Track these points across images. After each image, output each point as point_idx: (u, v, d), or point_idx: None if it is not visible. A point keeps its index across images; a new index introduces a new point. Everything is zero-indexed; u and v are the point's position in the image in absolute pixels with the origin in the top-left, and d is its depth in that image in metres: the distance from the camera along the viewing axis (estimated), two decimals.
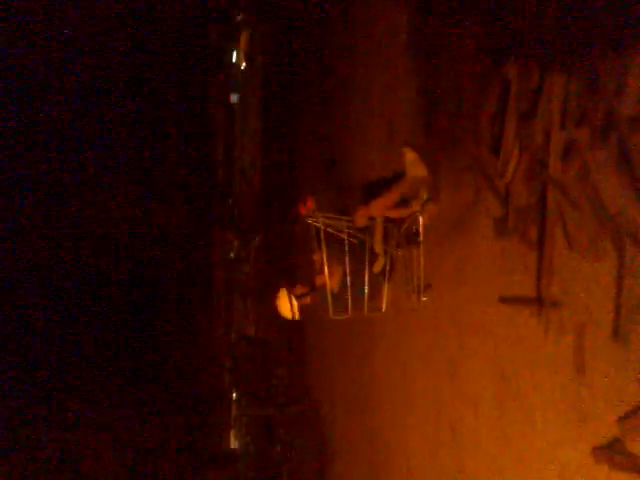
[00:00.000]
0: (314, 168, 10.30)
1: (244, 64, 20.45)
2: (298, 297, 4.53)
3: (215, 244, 20.53)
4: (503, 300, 3.74)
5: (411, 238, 4.71)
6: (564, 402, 3.07)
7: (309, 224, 4.54)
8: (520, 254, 3.47)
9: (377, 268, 4.63)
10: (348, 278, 4.41)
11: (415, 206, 4.57)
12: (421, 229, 4.43)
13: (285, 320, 4.63)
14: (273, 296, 4.66)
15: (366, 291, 4.50)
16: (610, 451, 2.67)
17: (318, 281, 4.59)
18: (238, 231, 18.48)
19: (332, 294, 4.46)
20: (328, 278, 4.42)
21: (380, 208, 4.49)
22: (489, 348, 3.96)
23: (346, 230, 4.45)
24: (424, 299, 4.72)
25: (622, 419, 2.61)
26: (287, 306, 4.49)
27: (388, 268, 4.69)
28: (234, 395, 18.08)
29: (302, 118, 11.60)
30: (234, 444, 17.93)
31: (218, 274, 20.25)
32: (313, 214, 4.42)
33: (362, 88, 7.17)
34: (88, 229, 20.12)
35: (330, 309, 4.41)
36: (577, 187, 2.88)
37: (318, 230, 4.39)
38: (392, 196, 4.55)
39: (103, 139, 21.27)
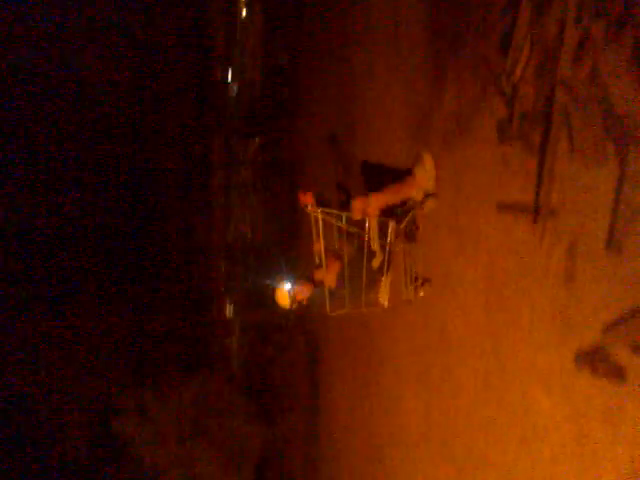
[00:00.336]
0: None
1: None
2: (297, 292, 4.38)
3: (214, 146, 20.20)
4: (501, 208, 3.66)
5: (411, 234, 4.72)
6: (551, 309, 3.07)
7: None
8: (521, 159, 3.35)
9: (375, 264, 4.59)
10: (346, 273, 4.35)
11: (419, 191, 4.58)
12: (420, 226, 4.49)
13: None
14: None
15: (364, 286, 4.45)
16: (593, 358, 2.68)
17: (317, 276, 4.48)
18: (237, 133, 18.13)
19: (330, 290, 4.39)
20: (326, 274, 4.34)
21: (374, 207, 4.38)
22: (483, 256, 3.93)
23: (343, 225, 4.41)
24: (422, 294, 4.74)
25: (607, 327, 2.60)
26: (286, 299, 4.39)
27: (387, 263, 4.62)
28: (229, 298, 18.55)
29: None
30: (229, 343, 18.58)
31: (216, 176, 20.09)
32: (312, 207, 4.30)
33: None
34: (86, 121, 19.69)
35: (327, 305, 4.34)
36: (586, 88, 2.72)
37: (317, 221, 4.29)
38: (389, 198, 4.48)
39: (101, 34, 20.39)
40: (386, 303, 4.78)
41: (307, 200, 4.29)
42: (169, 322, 17.15)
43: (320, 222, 4.22)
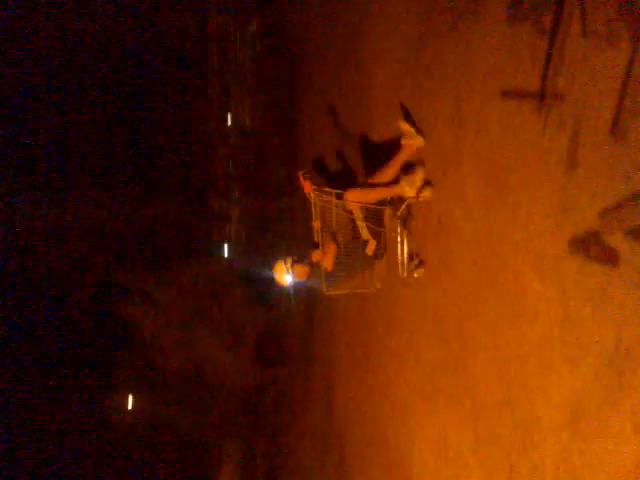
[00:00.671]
0: None
1: None
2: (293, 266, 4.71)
3: (210, 27, 19.28)
4: (505, 95, 3.58)
5: (407, 221, 4.92)
6: (550, 196, 3.10)
7: None
8: (531, 41, 3.23)
9: (369, 251, 4.83)
10: (342, 256, 4.65)
11: (410, 192, 4.73)
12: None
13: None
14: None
15: (359, 269, 4.78)
16: (587, 242, 2.75)
17: (314, 257, 4.73)
18: (234, 13, 17.25)
19: (326, 271, 4.65)
20: (323, 257, 4.61)
21: (356, 198, 4.67)
22: (484, 144, 3.90)
23: (337, 210, 4.64)
24: (416, 276, 4.89)
25: (604, 212, 2.64)
26: (283, 273, 4.66)
27: (381, 249, 4.85)
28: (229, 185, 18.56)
29: None
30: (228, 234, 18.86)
31: (213, 60, 19.37)
32: (313, 193, 4.56)
33: None
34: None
35: (324, 285, 4.62)
36: None
37: (317, 204, 4.56)
38: (378, 195, 4.76)
39: None
40: (379, 285, 5.09)
41: (307, 189, 4.56)
42: (169, 208, 17.32)
43: (319, 207, 4.51)
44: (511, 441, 3.52)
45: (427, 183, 4.78)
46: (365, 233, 4.84)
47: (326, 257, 4.70)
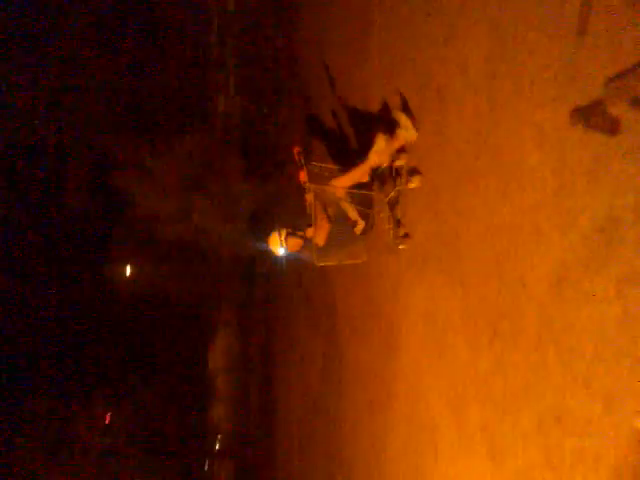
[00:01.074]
0: None
1: None
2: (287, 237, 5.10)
3: None
4: None
5: (394, 204, 5.20)
6: (556, 65, 3.00)
7: None
8: None
9: (358, 230, 5.24)
10: (333, 231, 5.18)
11: (383, 160, 5.00)
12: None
13: None
14: None
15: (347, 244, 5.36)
16: (589, 112, 2.70)
17: (308, 233, 5.11)
18: None
19: (317, 245, 5.11)
20: (315, 232, 5.05)
21: (342, 183, 5.07)
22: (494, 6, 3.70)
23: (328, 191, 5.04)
24: (402, 247, 5.21)
25: (610, 80, 2.57)
26: (277, 245, 5.03)
27: (369, 228, 5.27)
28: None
29: None
30: (223, 106, 18.34)
31: None
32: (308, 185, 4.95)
33: None
34: None
35: (315, 258, 5.10)
36: None
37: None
38: (355, 175, 5.08)
39: None
40: (365, 258, 5.54)
41: (302, 178, 4.92)
42: (165, 80, 16.76)
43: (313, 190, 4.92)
44: (497, 306, 3.69)
45: (415, 172, 4.98)
46: (354, 215, 5.21)
47: (318, 233, 5.10)
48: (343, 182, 5.10)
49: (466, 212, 4.18)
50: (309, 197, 5.00)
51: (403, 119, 4.82)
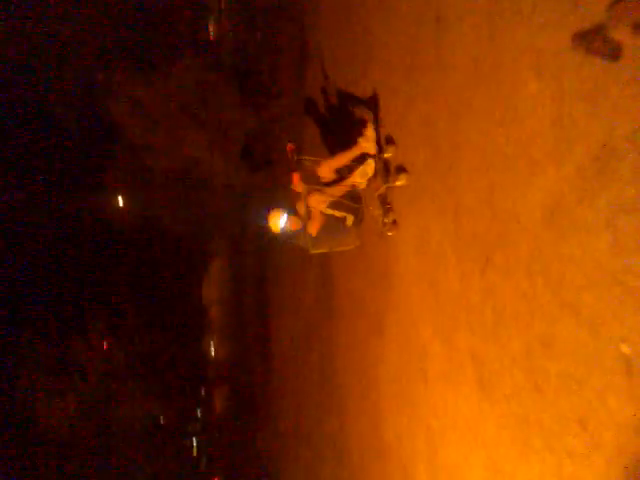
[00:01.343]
0: None
1: None
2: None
3: None
4: None
5: (384, 200, 5.55)
6: None
7: None
8: None
9: (349, 223, 5.52)
10: (325, 222, 5.44)
11: (370, 148, 5.34)
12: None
13: None
14: None
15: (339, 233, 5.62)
16: (591, 36, 2.62)
17: (293, 226, 5.38)
18: None
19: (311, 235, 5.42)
20: (309, 223, 5.34)
21: (326, 171, 5.48)
22: None
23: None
24: (390, 234, 5.56)
25: (612, 4, 2.47)
26: (277, 224, 5.28)
27: (359, 221, 5.57)
28: None
29: None
30: (214, 33, 17.66)
31: None
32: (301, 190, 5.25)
33: None
34: None
35: (309, 245, 5.40)
36: None
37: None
38: (340, 161, 5.46)
39: None
40: (358, 243, 5.79)
41: (295, 182, 5.21)
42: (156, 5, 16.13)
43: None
44: (489, 237, 3.71)
45: (402, 169, 5.24)
46: (343, 211, 5.47)
47: (311, 224, 5.38)
48: (332, 164, 5.51)
49: (462, 143, 4.12)
50: (301, 193, 5.30)
51: (371, 133, 5.36)
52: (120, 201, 17.25)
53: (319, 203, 5.33)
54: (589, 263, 2.73)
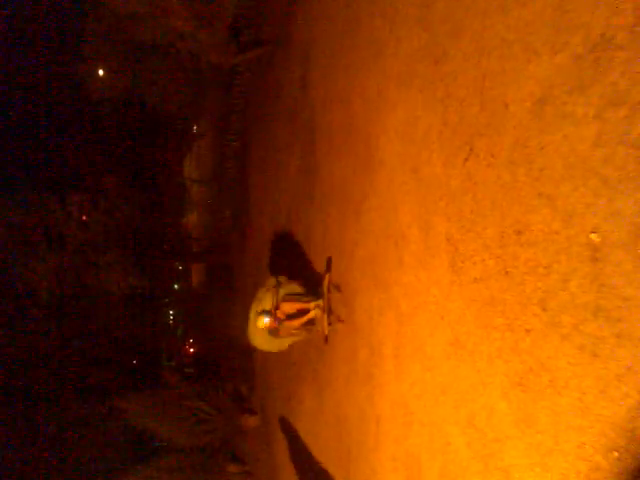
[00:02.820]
0: None
1: None
2: None
3: None
4: None
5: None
6: None
7: None
8: None
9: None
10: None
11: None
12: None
13: None
14: None
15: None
16: None
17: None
18: None
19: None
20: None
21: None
22: None
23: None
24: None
25: None
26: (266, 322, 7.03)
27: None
28: None
29: None
30: None
31: None
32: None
33: None
34: None
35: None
36: None
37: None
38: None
39: None
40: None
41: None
42: None
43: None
44: (476, 124, 3.72)
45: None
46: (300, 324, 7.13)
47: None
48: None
49: (456, 27, 4.00)
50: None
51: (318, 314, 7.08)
52: (100, 72, 16.49)
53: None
54: (571, 155, 2.77)
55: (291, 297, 7.04)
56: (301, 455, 8.53)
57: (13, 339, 17.10)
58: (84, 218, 16.50)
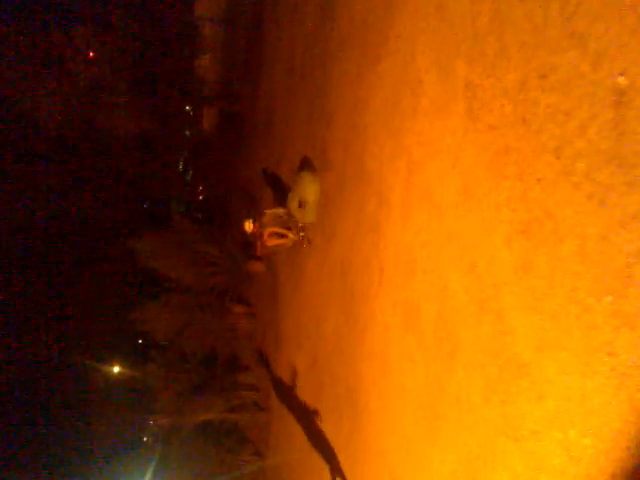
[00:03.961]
0: None
1: None
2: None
3: None
4: None
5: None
6: None
7: None
8: None
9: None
10: None
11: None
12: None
13: None
14: None
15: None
16: None
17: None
18: None
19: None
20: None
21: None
22: None
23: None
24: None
25: None
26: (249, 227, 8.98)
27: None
28: None
29: None
30: None
31: None
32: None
33: None
34: None
35: None
36: None
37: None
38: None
39: None
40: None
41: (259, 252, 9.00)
42: None
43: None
44: None
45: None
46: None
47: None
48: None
49: None
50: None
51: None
52: None
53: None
54: None
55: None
56: (304, 299, 9.00)
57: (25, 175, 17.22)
58: (91, 55, 15.80)
